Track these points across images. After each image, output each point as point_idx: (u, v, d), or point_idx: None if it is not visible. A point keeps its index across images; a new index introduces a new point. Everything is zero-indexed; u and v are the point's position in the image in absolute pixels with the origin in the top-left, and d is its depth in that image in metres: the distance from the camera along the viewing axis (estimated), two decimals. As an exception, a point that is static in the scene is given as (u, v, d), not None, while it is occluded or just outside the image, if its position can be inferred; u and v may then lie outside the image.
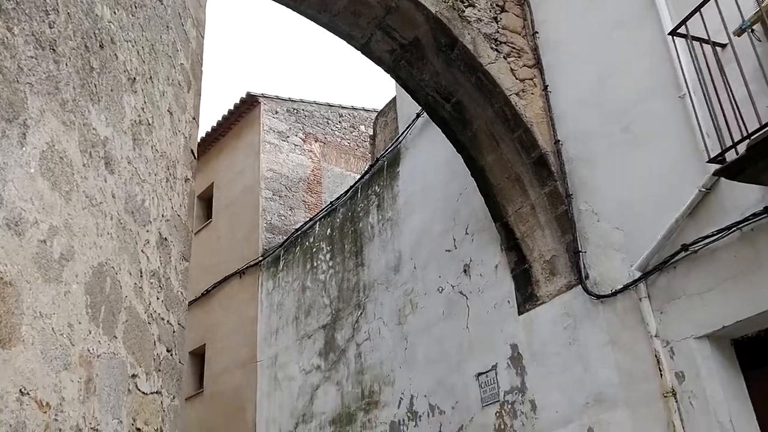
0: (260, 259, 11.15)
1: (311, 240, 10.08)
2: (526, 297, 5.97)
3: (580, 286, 5.36)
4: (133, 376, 3.41)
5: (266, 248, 11.25)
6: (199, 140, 13.24)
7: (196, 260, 12.93)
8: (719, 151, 3.81)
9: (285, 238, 10.88)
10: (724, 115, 3.86)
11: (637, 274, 4.77)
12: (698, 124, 4.20)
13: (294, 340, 9.76)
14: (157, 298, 3.88)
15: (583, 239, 5.44)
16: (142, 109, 3.78)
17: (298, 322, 9.79)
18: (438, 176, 7.52)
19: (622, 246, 5.03)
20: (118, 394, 3.18)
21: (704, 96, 3.97)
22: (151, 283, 3.79)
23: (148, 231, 3.77)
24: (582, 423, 5.14)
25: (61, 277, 2.66)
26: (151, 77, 3.97)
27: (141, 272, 3.62)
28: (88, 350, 2.87)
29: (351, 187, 9.46)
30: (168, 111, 4.31)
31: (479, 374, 6.39)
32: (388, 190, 8.49)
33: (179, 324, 4.24)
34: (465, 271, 6.85)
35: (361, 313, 8.51)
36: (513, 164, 6.00)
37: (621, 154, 5.16)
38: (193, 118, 4.95)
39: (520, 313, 6.03)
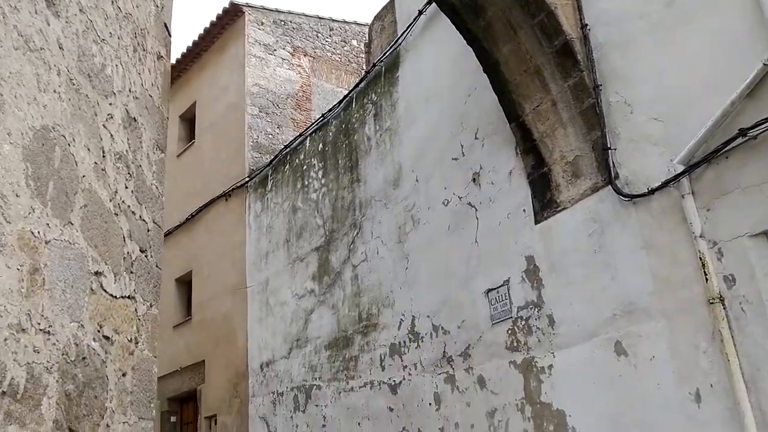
0: (247, 179, 10.50)
1: (301, 157, 9.41)
2: (544, 204, 5.40)
3: (608, 187, 4.78)
4: (97, 273, 2.80)
5: (253, 168, 10.59)
6: (179, 56, 12.39)
7: (179, 184, 12.28)
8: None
9: (273, 157, 10.20)
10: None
11: (680, 168, 4.18)
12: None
13: (285, 264, 9.23)
14: (126, 188, 3.25)
15: (612, 135, 4.82)
16: (97, -50, 3.03)
17: (290, 245, 9.24)
18: (443, 78, 6.82)
19: (661, 138, 4.42)
20: (77, 293, 2.59)
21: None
22: (118, 168, 3.15)
23: (111, 104, 3.10)
24: (608, 336, 4.67)
25: (-16, 130, 2.01)
26: None
27: (103, 151, 2.97)
28: (32, 233, 2.25)
29: (345, 96, 8.73)
30: (132, -33, 3.56)
31: (489, 290, 5.88)
32: (386, 98, 7.79)
33: (155, 222, 3.63)
34: (474, 180, 6.25)
35: (358, 233, 7.96)
36: (532, 55, 5.30)
37: (663, 34, 4.49)
38: (166, -14, 4.19)
39: (537, 222, 5.47)
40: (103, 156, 2.97)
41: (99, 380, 2.73)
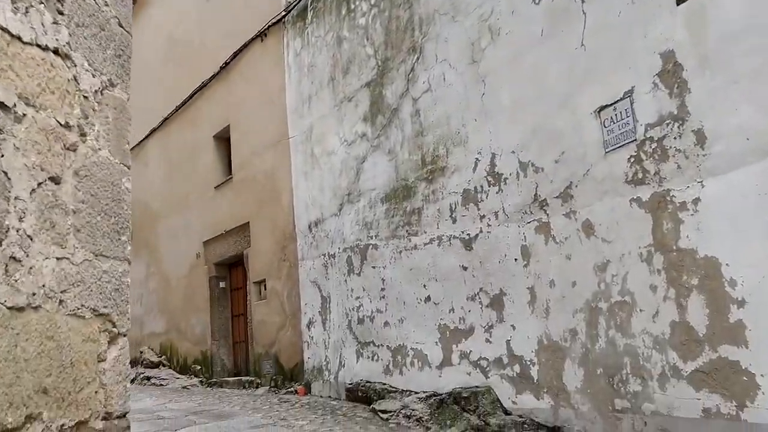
0: (283, 13, 8.92)
1: (346, -24, 7.73)
2: (695, -28, 3.75)
3: None
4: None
5: (290, 0, 8.96)
6: None
7: (210, 30, 10.76)
8: None
9: (312, -17, 8.53)
10: None
11: None
12: None
13: (331, 106, 7.85)
14: None
15: None
16: None
17: (335, 83, 7.79)
18: None
19: None
20: None
21: None
22: None
23: None
24: (803, 150, 3.19)
25: None
26: None
27: None
28: None
29: None
30: None
31: (602, 108, 4.39)
32: None
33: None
34: (580, -41, 4.57)
35: (418, 58, 6.43)
36: None
37: None
38: None
39: (679, 1, 3.85)
40: None
41: (-19, 176, 1.47)
